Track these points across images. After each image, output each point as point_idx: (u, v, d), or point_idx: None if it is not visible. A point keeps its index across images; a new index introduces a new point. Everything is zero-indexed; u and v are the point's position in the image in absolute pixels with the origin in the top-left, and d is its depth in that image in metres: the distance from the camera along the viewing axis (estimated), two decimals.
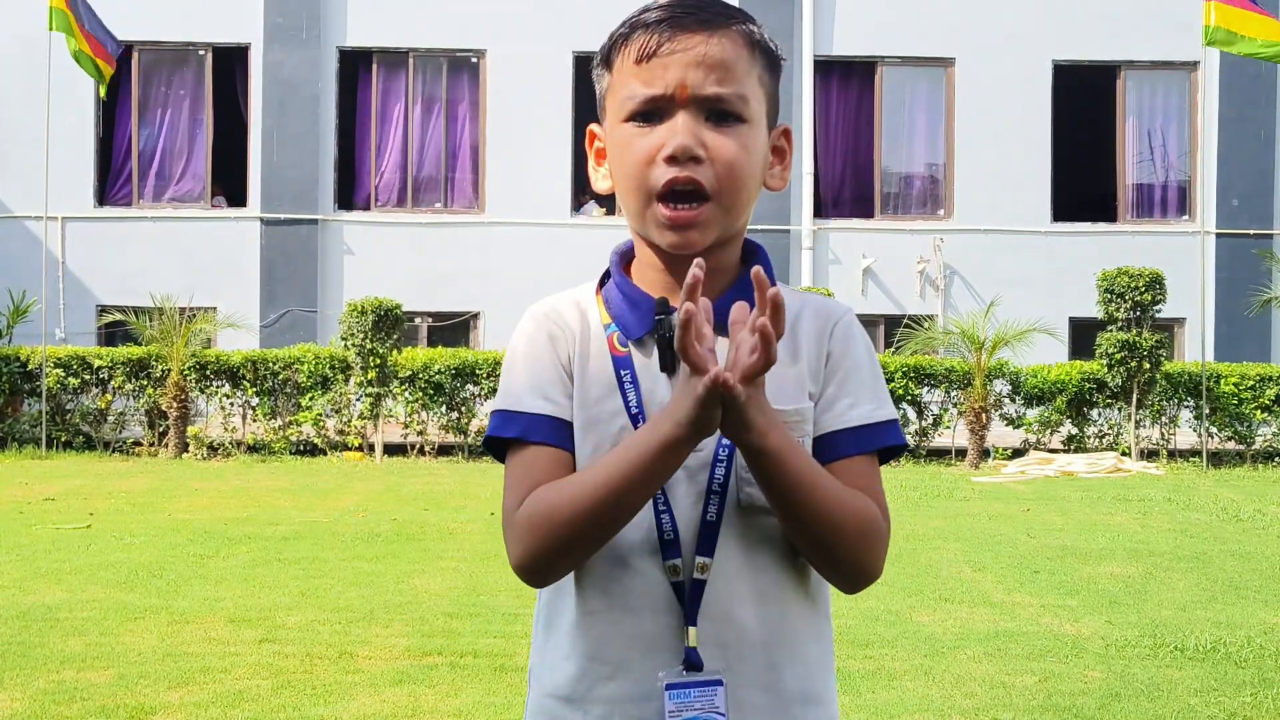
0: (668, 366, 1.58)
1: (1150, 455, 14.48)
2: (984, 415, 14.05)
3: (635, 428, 1.56)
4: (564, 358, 1.62)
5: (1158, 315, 14.58)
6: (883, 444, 1.62)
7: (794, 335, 1.62)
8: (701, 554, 1.56)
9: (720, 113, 1.58)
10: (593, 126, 1.71)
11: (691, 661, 1.55)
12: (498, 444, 1.62)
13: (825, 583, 1.65)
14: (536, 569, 1.55)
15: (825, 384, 1.62)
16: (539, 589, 1.64)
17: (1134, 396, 14.30)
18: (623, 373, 1.59)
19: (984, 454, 14.11)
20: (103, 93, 14.76)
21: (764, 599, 1.58)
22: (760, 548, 1.58)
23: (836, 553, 1.55)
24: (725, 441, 1.56)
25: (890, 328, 16.98)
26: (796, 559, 1.60)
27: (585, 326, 1.64)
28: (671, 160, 1.56)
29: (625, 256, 1.69)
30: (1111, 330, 14.47)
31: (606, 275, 1.69)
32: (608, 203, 17.79)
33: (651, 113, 1.58)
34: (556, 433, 1.59)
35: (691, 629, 1.55)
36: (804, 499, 1.50)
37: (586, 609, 1.59)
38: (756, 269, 1.42)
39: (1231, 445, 14.70)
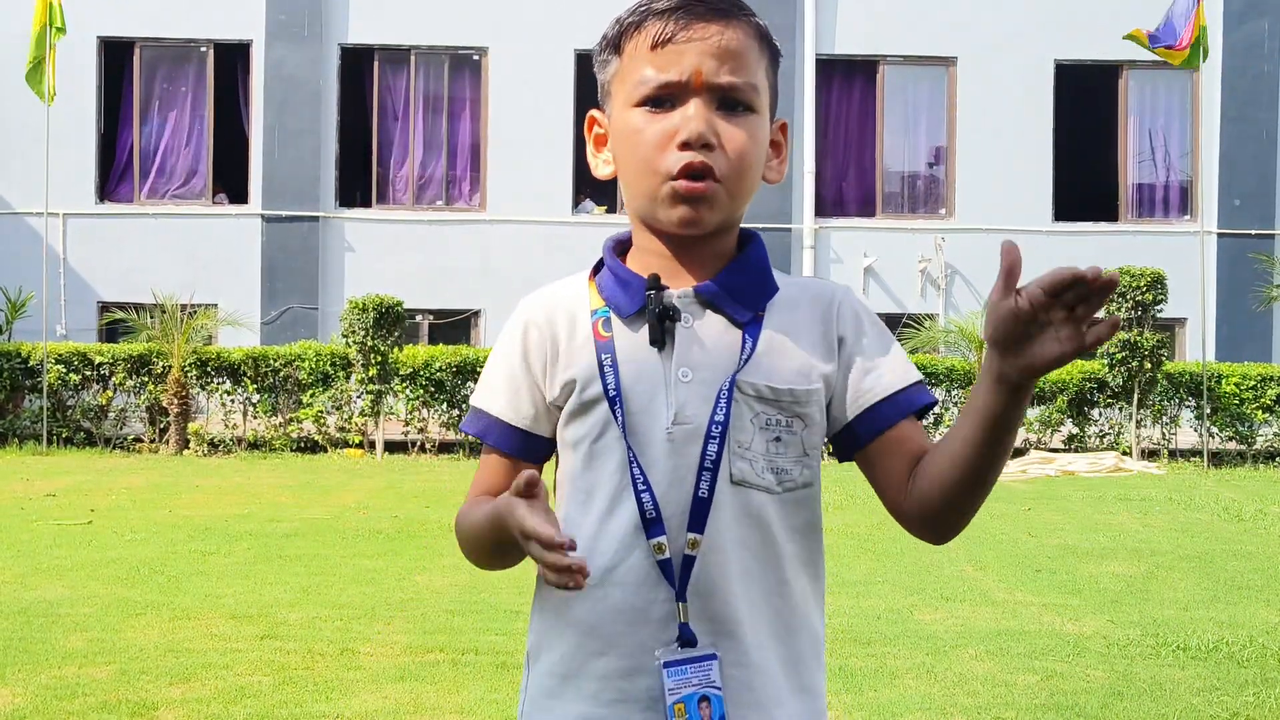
0: (657, 341, 1.59)
1: (1151, 455, 14.47)
2: None
3: (614, 410, 1.58)
4: (537, 361, 1.65)
5: (1159, 315, 14.58)
6: (920, 404, 1.64)
7: (794, 319, 1.64)
8: (693, 530, 1.56)
9: (732, 102, 1.60)
10: (593, 112, 1.71)
11: (685, 638, 1.56)
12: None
13: (818, 571, 1.65)
14: (473, 565, 1.74)
15: (846, 367, 1.64)
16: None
17: (1135, 396, 14.30)
18: (604, 357, 1.60)
19: None
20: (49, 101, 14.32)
21: (749, 575, 1.58)
22: (748, 523, 1.58)
23: (985, 493, 1.62)
24: (718, 418, 1.57)
25: (891, 327, 16.96)
26: (780, 538, 1.60)
27: (572, 317, 1.65)
28: (685, 146, 1.57)
29: (620, 245, 1.70)
30: None
31: (601, 264, 1.70)
32: (607, 201, 17.80)
33: (663, 99, 1.60)
34: (509, 438, 1.67)
35: (681, 605, 1.56)
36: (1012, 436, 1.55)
37: None
38: (1010, 245, 1.39)
39: (1232, 445, 14.70)
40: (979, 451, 1.52)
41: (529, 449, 1.68)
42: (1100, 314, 1.37)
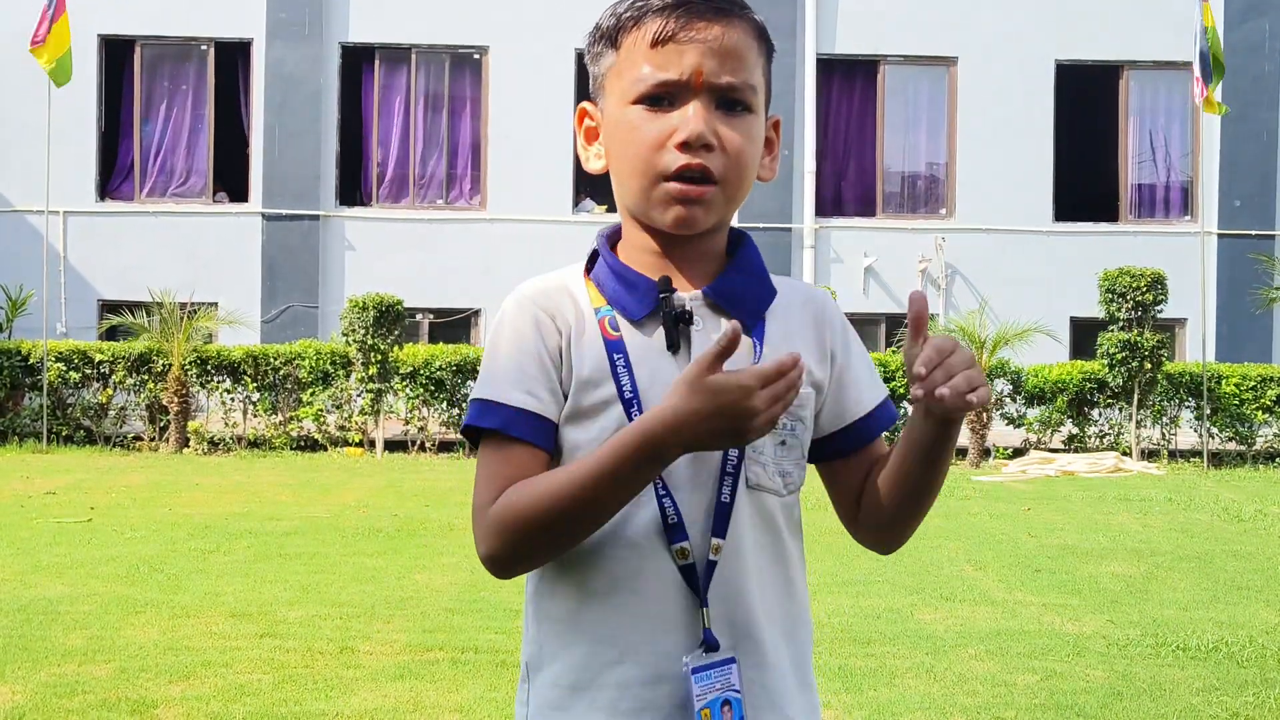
0: (674, 345, 1.57)
1: (1151, 455, 14.47)
2: (985, 415, 14.04)
3: (629, 413, 1.54)
4: (552, 348, 1.58)
5: (1159, 315, 14.58)
6: (894, 420, 1.70)
7: (790, 323, 1.64)
8: (715, 535, 1.56)
9: (731, 102, 1.59)
10: (585, 105, 1.68)
11: (709, 643, 1.55)
12: (474, 432, 1.59)
13: (802, 572, 1.67)
14: (505, 565, 1.56)
15: (837, 382, 1.67)
16: (506, 579, 1.62)
17: (1135, 396, 14.30)
18: (616, 357, 1.57)
19: (985, 453, 14.11)
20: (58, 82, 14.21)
21: (764, 577, 1.60)
22: (762, 526, 1.60)
23: (925, 510, 1.68)
24: None
25: (891, 327, 16.98)
26: (787, 539, 1.63)
27: (577, 311, 1.61)
28: (684, 147, 1.56)
29: (612, 239, 1.68)
30: (1113, 330, 14.47)
31: (593, 259, 1.67)
32: (607, 200, 17.78)
33: (662, 97, 1.58)
34: (537, 430, 1.56)
35: (705, 610, 1.56)
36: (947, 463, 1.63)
37: (589, 590, 1.57)
38: (917, 294, 1.50)
39: (1232, 446, 14.70)
40: (916, 477, 1.60)
41: (552, 439, 1.58)
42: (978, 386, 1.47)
